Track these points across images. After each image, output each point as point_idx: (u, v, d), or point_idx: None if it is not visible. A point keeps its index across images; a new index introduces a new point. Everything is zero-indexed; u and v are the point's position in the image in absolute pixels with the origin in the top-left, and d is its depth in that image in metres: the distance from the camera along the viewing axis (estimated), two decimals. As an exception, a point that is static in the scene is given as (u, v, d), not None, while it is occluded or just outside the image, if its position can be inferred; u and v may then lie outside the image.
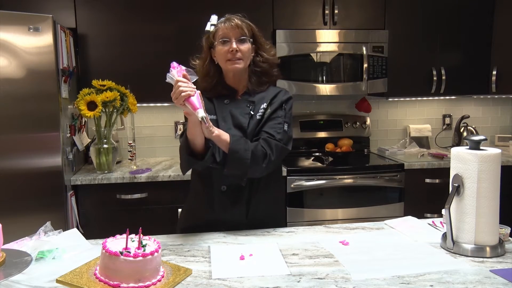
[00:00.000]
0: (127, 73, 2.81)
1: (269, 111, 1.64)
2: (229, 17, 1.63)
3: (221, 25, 1.61)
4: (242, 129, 1.62)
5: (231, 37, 1.59)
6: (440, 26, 3.12)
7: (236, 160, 1.50)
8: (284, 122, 1.63)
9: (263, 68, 1.68)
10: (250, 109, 1.64)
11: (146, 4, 2.83)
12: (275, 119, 1.63)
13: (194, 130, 1.47)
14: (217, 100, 1.68)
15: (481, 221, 1.32)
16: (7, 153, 2.32)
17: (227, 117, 1.64)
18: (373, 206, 2.85)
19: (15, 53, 2.28)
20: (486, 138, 1.36)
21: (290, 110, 1.70)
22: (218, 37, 1.61)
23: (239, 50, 1.59)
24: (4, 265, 1.16)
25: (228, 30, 1.59)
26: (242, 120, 1.62)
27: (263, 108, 1.64)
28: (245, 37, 1.61)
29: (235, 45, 1.58)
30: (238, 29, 1.60)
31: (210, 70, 1.66)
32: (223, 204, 1.63)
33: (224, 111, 1.65)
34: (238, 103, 1.66)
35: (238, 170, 1.52)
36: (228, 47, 1.59)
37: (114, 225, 1.67)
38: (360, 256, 1.34)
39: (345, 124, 3.37)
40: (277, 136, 1.59)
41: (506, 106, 3.67)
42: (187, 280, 1.19)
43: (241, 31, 1.60)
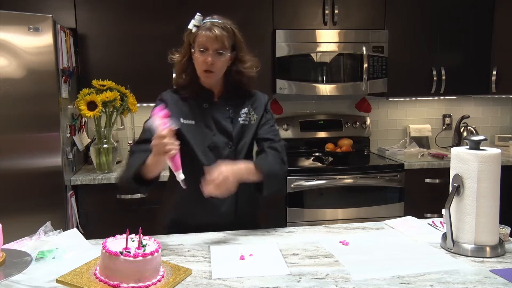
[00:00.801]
0: (127, 73, 2.81)
1: (256, 116, 1.68)
2: (210, 26, 1.56)
3: (202, 32, 1.56)
4: (228, 134, 1.63)
5: (208, 48, 1.56)
6: (440, 26, 3.12)
7: (272, 181, 1.57)
8: (274, 124, 1.73)
9: (237, 80, 1.66)
10: (231, 113, 1.65)
11: (146, 4, 2.84)
12: (266, 123, 1.70)
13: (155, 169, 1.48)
14: (194, 103, 1.65)
15: (481, 221, 1.32)
16: (7, 153, 2.32)
17: (210, 123, 1.63)
18: (373, 206, 2.85)
19: (15, 53, 2.28)
20: (486, 138, 1.36)
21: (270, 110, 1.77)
22: (198, 44, 1.57)
23: (214, 63, 1.56)
24: (4, 265, 1.16)
25: (207, 39, 1.55)
26: (226, 125, 1.64)
27: (245, 112, 1.66)
28: (223, 51, 1.57)
29: (211, 58, 1.56)
30: (217, 42, 1.55)
31: (188, 67, 1.64)
32: (214, 209, 1.63)
33: (206, 117, 1.64)
34: (218, 107, 1.66)
35: (276, 186, 1.63)
36: (204, 58, 1.56)
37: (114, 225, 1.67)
38: (360, 256, 1.34)
39: (345, 124, 3.37)
40: (276, 138, 1.68)
41: (506, 106, 3.67)
42: (187, 280, 1.19)
43: (221, 44, 1.55)
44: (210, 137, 1.62)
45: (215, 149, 1.62)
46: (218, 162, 1.54)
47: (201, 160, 1.60)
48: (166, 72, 2.83)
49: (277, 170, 1.59)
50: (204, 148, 1.62)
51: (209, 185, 1.41)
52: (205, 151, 1.62)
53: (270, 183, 1.55)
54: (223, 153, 1.62)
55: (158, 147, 1.37)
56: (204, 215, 1.64)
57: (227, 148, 1.63)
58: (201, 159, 1.61)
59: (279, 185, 1.66)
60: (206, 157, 1.61)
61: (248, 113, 1.67)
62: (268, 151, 1.63)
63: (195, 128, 1.63)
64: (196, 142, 1.62)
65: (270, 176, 1.54)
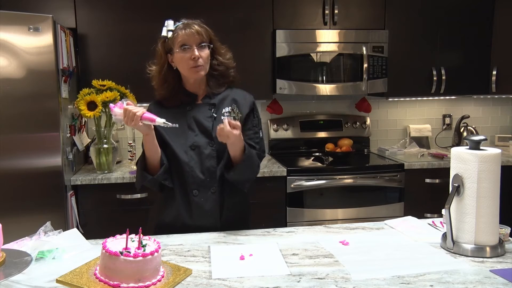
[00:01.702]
0: (127, 73, 2.80)
1: (241, 115, 1.67)
2: (187, 23, 1.61)
3: (180, 32, 1.60)
4: (207, 133, 1.64)
5: (191, 43, 1.58)
6: (440, 26, 3.12)
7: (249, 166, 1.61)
8: (259, 130, 1.73)
9: (220, 71, 1.68)
10: (212, 112, 1.66)
11: (146, 4, 2.83)
12: (251, 129, 1.70)
13: (151, 150, 1.59)
14: (177, 109, 1.67)
15: (481, 221, 1.32)
16: (7, 153, 2.32)
17: (192, 124, 1.65)
18: (373, 206, 2.85)
19: (15, 53, 2.28)
20: (486, 138, 1.36)
21: (258, 113, 1.76)
22: (178, 44, 1.59)
23: (200, 57, 1.59)
24: (4, 265, 1.16)
25: (188, 36, 1.58)
26: (206, 124, 1.65)
27: (228, 111, 1.66)
28: (205, 43, 1.61)
29: (197, 52, 1.58)
30: (198, 36, 1.59)
31: (168, 76, 1.66)
32: (198, 208, 1.64)
33: (189, 119, 1.66)
34: (200, 107, 1.68)
35: (249, 175, 1.65)
36: (190, 54, 1.58)
37: (114, 225, 1.68)
38: (360, 256, 1.34)
39: (345, 124, 3.37)
40: (256, 146, 1.69)
41: (506, 106, 3.67)
42: (187, 280, 1.19)
43: (201, 37, 1.60)
44: (192, 137, 1.64)
45: (197, 148, 1.63)
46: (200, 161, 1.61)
47: (182, 159, 1.63)
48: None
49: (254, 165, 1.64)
50: (185, 148, 1.63)
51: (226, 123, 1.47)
52: (186, 151, 1.63)
53: (243, 169, 1.59)
54: (204, 152, 1.63)
55: (129, 117, 1.47)
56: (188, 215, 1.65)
57: (209, 147, 1.63)
58: (182, 158, 1.63)
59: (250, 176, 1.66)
60: (188, 155, 1.63)
61: (232, 111, 1.67)
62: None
63: (178, 131, 1.65)
64: (178, 144, 1.64)
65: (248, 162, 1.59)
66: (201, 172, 1.63)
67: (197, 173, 1.63)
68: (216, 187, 1.64)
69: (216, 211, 1.65)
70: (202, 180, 1.63)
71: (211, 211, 1.64)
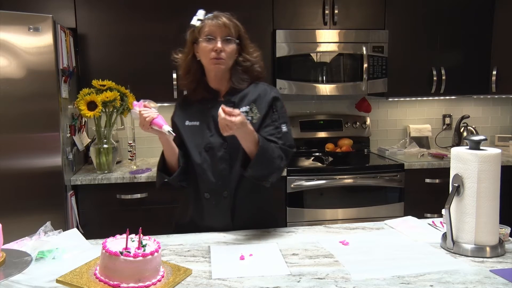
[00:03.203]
0: (127, 73, 2.81)
1: (259, 115, 1.58)
2: (217, 15, 1.58)
3: (208, 22, 1.56)
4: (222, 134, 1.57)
5: (217, 35, 1.55)
6: (440, 26, 3.12)
7: (266, 158, 1.48)
8: (280, 125, 1.60)
9: (245, 67, 1.62)
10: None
11: (146, 4, 2.84)
12: (270, 125, 1.59)
13: (168, 151, 1.61)
14: (200, 105, 1.65)
15: (481, 221, 1.32)
16: (7, 153, 2.32)
17: (210, 123, 1.61)
18: (373, 206, 2.85)
19: (15, 53, 2.28)
20: (486, 138, 1.36)
21: (282, 108, 1.64)
22: (204, 34, 1.56)
23: (223, 50, 1.55)
24: (4, 265, 1.16)
25: (215, 27, 1.55)
26: None
27: (245, 111, 1.58)
28: (231, 37, 1.57)
29: (220, 45, 1.54)
30: (225, 28, 1.55)
31: (192, 66, 1.63)
32: (209, 211, 1.62)
33: (207, 117, 1.62)
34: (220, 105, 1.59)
35: (268, 168, 1.51)
36: (213, 46, 1.54)
37: (114, 225, 1.67)
38: (360, 256, 1.34)
39: (345, 124, 3.37)
40: (279, 141, 1.57)
41: (506, 106, 3.67)
42: (187, 280, 1.19)
43: (228, 30, 1.55)
44: (207, 138, 1.61)
45: (211, 150, 1.60)
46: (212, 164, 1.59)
47: (196, 160, 1.61)
48: (166, 72, 2.85)
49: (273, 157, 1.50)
50: (200, 149, 1.61)
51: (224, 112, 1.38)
52: (200, 152, 1.61)
53: (259, 163, 1.47)
54: (217, 154, 1.58)
55: (140, 122, 1.51)
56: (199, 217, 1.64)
57: (222, 149, 1.59)
58: (196, 159, 1.61)
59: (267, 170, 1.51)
60: (201, 157, 1.61)
61: (250, 111, 1.60)
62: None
63: (197, 129, 1.62)
64: (193, 143, 1.62)
65: (264, 155, 1.47)
66: (212, 175, 1.59)
67: (208, 176, 1.59)
68: (229, 191, 1.59)
69: (227, 215, 1.62)
70: (213, 183, 1.59)
71: (222, 215, 1.62)
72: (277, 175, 1.55)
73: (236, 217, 1.63)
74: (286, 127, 1.62)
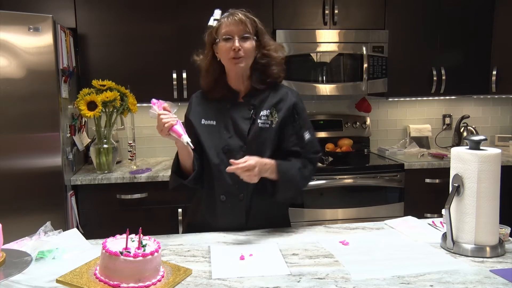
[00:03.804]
0: (127, 73, 2.81)
1: (277, 120, 1.58)
2: (232, 12, 1.57)
3: (224, 20, 1.55)
4: (243, 137, 1.58)
5: (234, 34, 1.54)
6: (440, 26, 3.12)
7: (289, 180, 1.55)
8: (303, 133, 1.62)
9: (263, 64, 1.60)
10: (252, 113, 1.59)
11: (146, 4, 2.83)
12: (293, 134, 1.61)
13: (182, 154, 1.57)
14: (218, 104, 1.63)
15: (481, 221, 1.32)
16: (7, 153, 2.32)
17: (229, 124, 1.59)
18: (373, 206, 2.85)
19: (15, 53, 2.28)
20: (486, 138, 1.36)
21: (304, 113, 1.66)
22: (221, 34, 1.55)
23: (242, 48, 1.53)
24: (4, 265, 1.16)
25: (232, 26, 1.54)
26: (243, 126, 1.58)
27: (266, 115, 1.58)
28: (249, 34, 1.55)
29: (238, 43, 1.53)
30: (241, 25, 1.54)
31: (212, 67, 1.61)
32: (224, 213, 1.61)
33: (226, 117, 1.60)
34: (239, 107, 1.61)
35: (294, 188, 1.60)
36: (231, 45, 1.53)
37: (114, 225, 1.67)
38: (360, 256, 1.34)
39: (345, 124, 3.37)
40: (303, 150, 1.60)
41: (506, 106, 3.67)
42: (187, 280, 1.19)
43: (245, 27, 1.54)
44: (226, 139, 1.58)
45: (229, 152, 1.57)
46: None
47: (213, 161, 1.58)
48: (166, 72, 2.85)
49: (294, 176, 1.56)
50: (218, 150, 1.58)
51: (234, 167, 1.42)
52: (218, 153, 1.58)
53: (284, 187, 1.54)
54: (236, 157, 1.52)
55: (159, 127, 1.45)
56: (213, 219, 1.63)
57: (241, 152, 1.56)
58: (213, 160, 1.58)
59: (294, 192, 1.61)
60: (219, 158, 1.58)
61: (270, 115, 1.59)
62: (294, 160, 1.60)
63: (214, 129, 1.60)
64: (211, 143, 1.59)
65: (285, 179, 1.53)
66: (230, 177, 1.55)
67: (225, 178, 1.56)
68: (245, 194, 1.58)
69: (242, 217, 1.61)
70: (230, 185, 1.57)
71: (237, 217, 1.61)
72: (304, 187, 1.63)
73: (250, 219, 1.62)
74: (310, 134, 1.63)
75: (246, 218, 1.61)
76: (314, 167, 1.63)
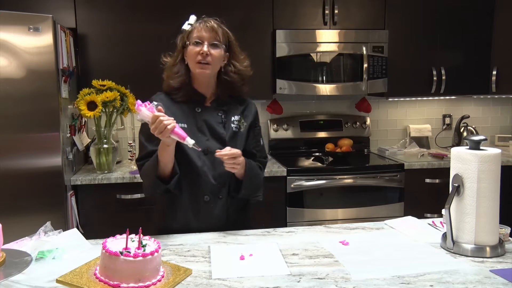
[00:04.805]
0: (127, 73, 2.81)
1: (245, 124, 1.69)
2: (206, 19, 1.61)
3: (197, 26, 1.59)
4: (221, 140, 1.63)
5: (204, 39, 1.57)
6: (440, 26, 3.12)
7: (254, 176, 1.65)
8: (260, 138, 1.77)
9: (233, 79, 1.65)
10: (223, 118, 1.65)
11: (146, 4, 2.83)
12: (253, 138, 1.72)
13: (165, 158, 1.53)
14: (186, 107, 1.65)
15: (481, 221, 1.32)
16: (7, 153, 2.32)
17: (203, 127, 1.63)
18: (373, 206, 2.85)
19: (15, 53, 2.28)
20: (486, 138, 1.36)
21: (259, 120, 1.79)
22: (192, 38, 1.59)
23: (209, 54, 1.56)
24: (4, 265, 1.16)
25: (203, 32, 1.58)
26: (220, 130, 1.64)
27: (237, 120, 1.67)
28: (218, 42, 1.59)
29: (207, 48, 1.56)
30: (212, 33, 1.58)
31: (180, 69, 1.64)
32: (208, 213, 1.63)
33: (198, 121, 1.63)
34: (210, 111, 1.65)
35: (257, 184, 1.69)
36: (200, 49, 1.56)
37: (114, 225, 1.67)
38: (360, 256, 1.34)
39: (345, 124, 3.37)
40: (258, 154, 1.73)
41: (506, 106, 3.67)
42: (187, 280, 1.19)
43: (215, 35, 1.58)
44: (204, 142, 1.61)
45: (210, 153, 1.60)
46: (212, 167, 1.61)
47: (196, 163, 1.60)
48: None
49: (257, 173, 1.68)
50: (198, 152, 1.59)
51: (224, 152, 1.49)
52: (200, 155, 1.61)
53: (249, 183, 1.63)
54: (217, 158, 1.54)
55: (158, 128, 1.42)
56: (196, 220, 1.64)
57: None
58: (196, 162, 1.60)
59: (256, 187, 1.69)
60: (201, 160, 1.61)
61: (239, 121, 1.68)
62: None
63: (187, 131, 1.58)
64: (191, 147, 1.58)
65: (251, 175, 1.63)
66: (213, 178, 1.61)
67: (209, 178, 1.61)
68: (223, 192, 1.64)
69: (223, 215, 1.65)
70: (213, 185, 1.62)
71: (219, 216, 1.64)
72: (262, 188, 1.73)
73: (229, 214, 1.67)
74: (262, 140, 1.79)
75: (226, 216, 1.66)
76: (264, 171, 1.76)
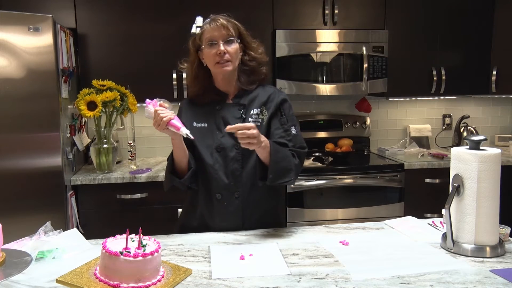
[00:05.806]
0: (127, 73, 2.81)
1: (267, 115, 1.63)
2: (214, 18, 1.60)
3: (207, 26, 1.59)
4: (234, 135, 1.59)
5: (218, 39, 1.57)
6: (440, 26, 3.12)
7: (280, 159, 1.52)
8: (289, 127, 1.63)
9: (251, 67, 1.65)
10: (242, 113, 1.63)
11: (146, 4, 2.83)
12: (279, 128, 1.62)
13: (179, 153, 1.58)
14: (208, 107, 1.66)
15: (481, 221, 1.32)
16: (7, 153, 2.32)
17: (220, 124, 1.62)
18: (373, 206, 2.85)
19: (15, 53, 2.28)
20: (486, 138, 1.36)
21: (290, 110, 1.68)
22: (205, 40, 1.58)
23: (227, 52, 1.57)
24: (4, 265, 1.16)
25: (214, 31, 1.57)
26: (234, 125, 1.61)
27: (256, 113, 1.63)
28: (232, 37, 1.58)
29: (223, 47, 1.56)
30: (224, 30, 1.57)
31: (199, 73, 1.65)
32: (221, 211, 1.62)
33: (217, 118, 1.63)
34: (229, 107, 1.65)
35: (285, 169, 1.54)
36: (216, 50, 1.56)
37: (114, 225, 1.68)
38: (360, 256, 1.34)
39: (345, 124, 3.37)
40: (291, 143, 1.61)
41: (506, 106, 3.67)
42: (187, 280, 1.19)
43: (227, 31, 1.57)
44: (218, 139, 1.61)
45: (222, 150, 1.60)
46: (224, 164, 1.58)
47: (207, 161, 1.60)
48: (166, 72, 2.85)
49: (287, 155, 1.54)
50: (211, 150, 1.61)
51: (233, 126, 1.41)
52: (212, 152, 1.61)
53: (275, 165, 1.50)
54: (229, 154, 1.58)
55: (157, 121, 1.46)
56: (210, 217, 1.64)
57: (234, 149, 1.59)
58: (207, 160, 1.60)
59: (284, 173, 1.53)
60: (213, 158, 1.60)
61: (260, 114, 1.63)
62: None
63: (206, 131, 1.63)
64: (204, 144, 1.61)
65: (277, 155, 1.50)
66: (225, 175, 1.60)
67: (221, 176, 1.60)
68: (241, 191, 1.61)
69: (238, 217, 1.62)
70: (225, 183, 1.60)
71: (233, 216, 1.62)
72: (295, 172, 1.57)
73: (246, 218, 1.63)
74: (295, 129, 1.65)
75: (242, 218, 1.63)
76: (301, 162, 1.62)
